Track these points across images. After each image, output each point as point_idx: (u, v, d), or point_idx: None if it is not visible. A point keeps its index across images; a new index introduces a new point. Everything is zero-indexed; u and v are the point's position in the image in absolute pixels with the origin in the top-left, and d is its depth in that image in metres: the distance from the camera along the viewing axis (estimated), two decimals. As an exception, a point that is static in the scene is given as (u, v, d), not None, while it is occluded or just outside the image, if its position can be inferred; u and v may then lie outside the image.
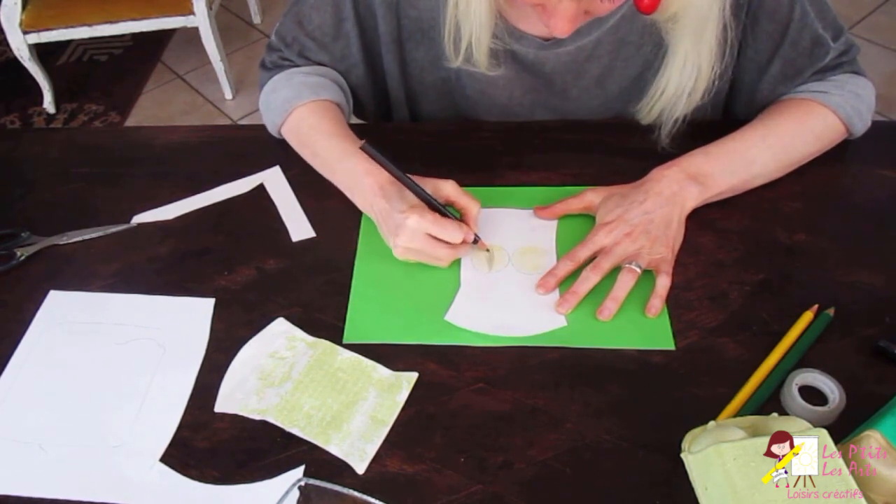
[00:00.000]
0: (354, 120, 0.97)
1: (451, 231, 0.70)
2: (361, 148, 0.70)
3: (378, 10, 0.84)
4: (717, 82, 0.76)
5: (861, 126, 0.82)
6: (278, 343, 0.69)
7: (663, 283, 0.70)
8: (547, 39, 0.82)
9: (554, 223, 0.79)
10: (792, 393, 0.61)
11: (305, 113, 0.84)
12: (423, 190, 0.72)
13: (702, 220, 0.76)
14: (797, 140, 0.79)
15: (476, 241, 0.74)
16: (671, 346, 0.67)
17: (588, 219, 0.78)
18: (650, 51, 0.82)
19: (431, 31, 0.84)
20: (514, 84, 0.87)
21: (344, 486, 0.52)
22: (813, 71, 0.82)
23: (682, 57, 0.73)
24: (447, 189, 0.73)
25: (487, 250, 0.75)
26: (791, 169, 0.80)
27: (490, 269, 0.75)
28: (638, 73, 0.85)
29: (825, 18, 0.80)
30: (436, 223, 0.70)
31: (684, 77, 0.75)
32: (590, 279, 0.70)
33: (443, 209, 0.72)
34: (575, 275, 0.72)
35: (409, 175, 0.72)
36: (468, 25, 0.74)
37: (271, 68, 0.90)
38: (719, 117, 0.92)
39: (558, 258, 0.75)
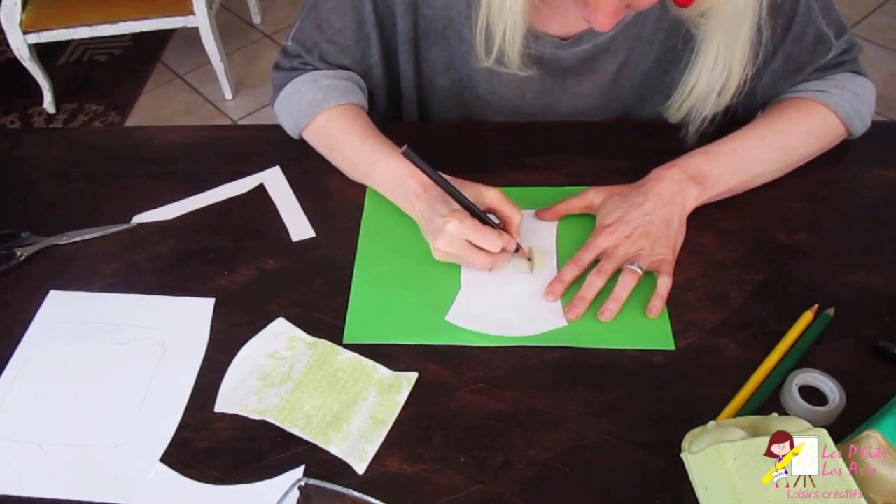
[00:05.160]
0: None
1: (489, 239, 0.70)
2: (403, 153, 0.69)
3: (397, 9, 0.83)
4: (748, 84, 0.76)
5: (861, 126, 0.82)
6: (278, 343, 0.69)
7: (665, 283, 0.70)
8: (564, 38, 0.82)
9: (554, 223, 0.79)
10: (792, 393, 0.61)
11: (335, 115, 0.84)
12: (464, 196, 0.71)
13: (702, 220, 0.76)
14: (797, 140, 0.79)
15: (517, 249, 0.73)
16: (671, 346, 0.67)
17: (588, 219, 0.78)
18: (663, 45, 0.82)
19: (446, 31, 0.84)
20: (526, 84, 0.87)
21: (344, 486, 0.52)
22: (814, 68, 0.82)
23: (713, 54, 0.73)
24: (490, 196, 0.72)
25: (529, 259, 0.74)
26: (791, 169, 0.80)
27: (490, 269, 0.74)
28: (649, 68, 0.85)
29: (829, 16, 0.80)
30: (475, 230, 0.69)
31: (714, 75, 0.74)
32: (595, 283, 0.70)
33: (483, 216, 0.71)
34: (580, 279, 0.72)
35: (452, 179, 0.71)
36: (502, 25, 0.73)
37: (289, 70, 0.89)
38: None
39: (559, 258, 0.75)
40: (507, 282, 0.73)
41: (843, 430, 0.58)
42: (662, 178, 0.74)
